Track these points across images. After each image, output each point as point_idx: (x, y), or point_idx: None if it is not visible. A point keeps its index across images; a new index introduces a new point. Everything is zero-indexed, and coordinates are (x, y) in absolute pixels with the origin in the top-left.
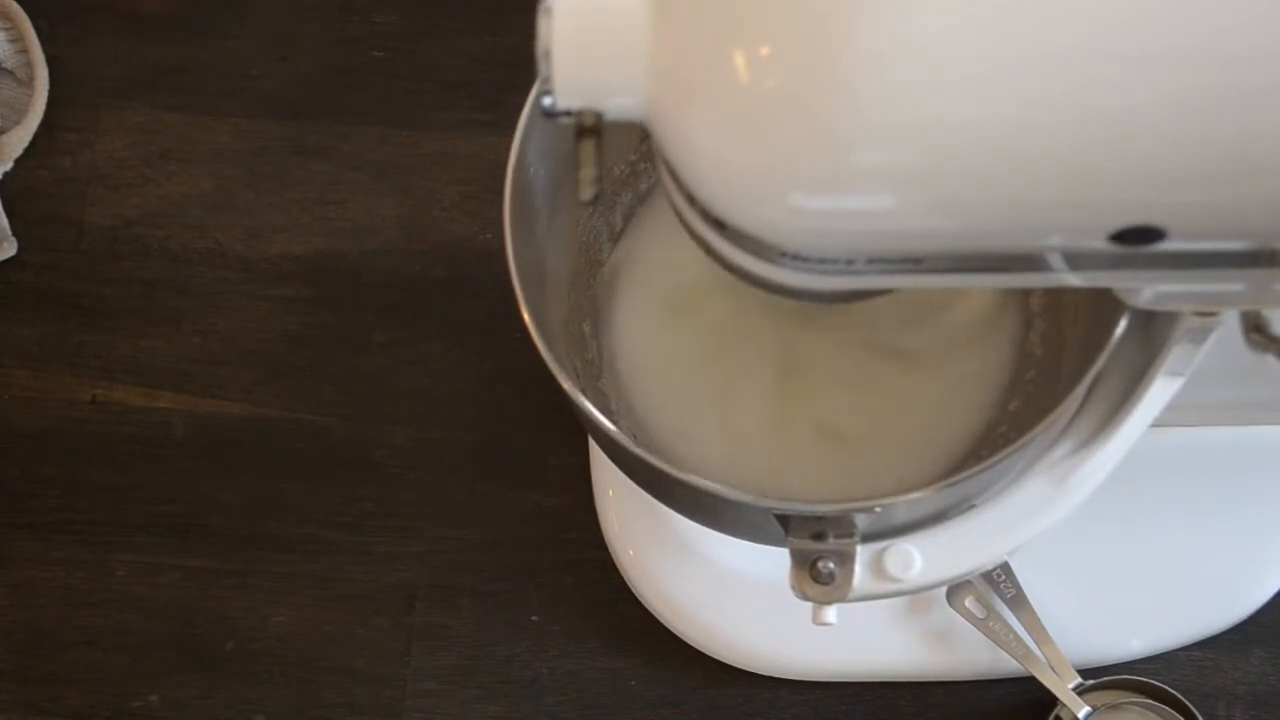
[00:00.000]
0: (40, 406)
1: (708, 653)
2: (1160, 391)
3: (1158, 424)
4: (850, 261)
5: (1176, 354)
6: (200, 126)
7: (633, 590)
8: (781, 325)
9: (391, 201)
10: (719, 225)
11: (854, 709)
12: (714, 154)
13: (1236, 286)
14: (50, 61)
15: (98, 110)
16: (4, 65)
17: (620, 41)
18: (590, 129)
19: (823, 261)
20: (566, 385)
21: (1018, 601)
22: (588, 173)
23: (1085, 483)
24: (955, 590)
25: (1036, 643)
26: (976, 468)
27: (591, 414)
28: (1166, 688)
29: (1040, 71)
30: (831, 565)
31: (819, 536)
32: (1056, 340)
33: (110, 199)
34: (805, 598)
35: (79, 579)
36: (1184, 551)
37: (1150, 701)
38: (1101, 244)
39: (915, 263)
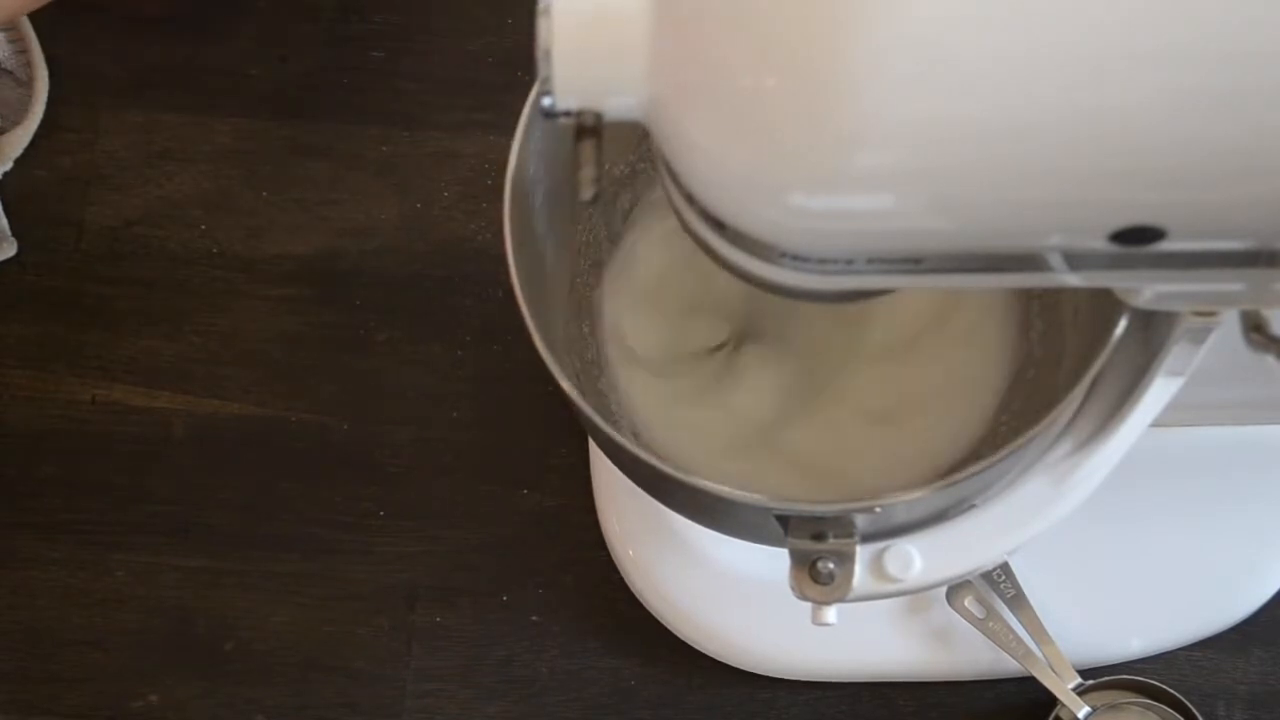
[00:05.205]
0: (40, 406)
1: (708, 653)
2: (1160, 391)
3: (1158, 424)
4: (850, 261)
5: (1176, 354)
6: (200, 126)
7: (633, 590)
8: (782, 325)
9: (391, 201)
10: (719, 225)
11: (854, 709)
12: (714, 154)
13: (1236, 286)
14: (50, 61)
15: (98, 110)
16: (4, 65)
17: (620, 41)
18: (590, 129)
19: (823, 261)
20: (566, 385)
21: (1018, 601)
22: (588, 173)
23: (1085, 483)
24: (955, 590)
25: (1036, 643)
26: (976, 468)
27: (591, 415)
28: (1166, 688)
29: (1041, 70)
30: (831, 565)
31: (819, 537)
32: (1056, 340)
33: (110, 199)
34: (805, 598)
35: (79, 579)
36: (1184, 551)
37: (1150, 701)
38: (1101, 244)
39: (915, 263)
